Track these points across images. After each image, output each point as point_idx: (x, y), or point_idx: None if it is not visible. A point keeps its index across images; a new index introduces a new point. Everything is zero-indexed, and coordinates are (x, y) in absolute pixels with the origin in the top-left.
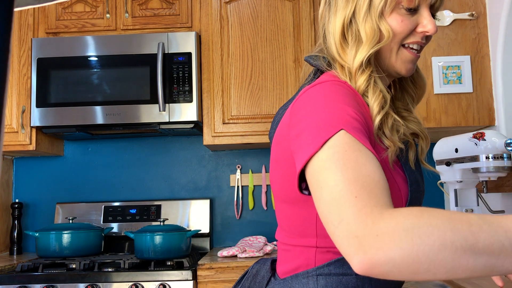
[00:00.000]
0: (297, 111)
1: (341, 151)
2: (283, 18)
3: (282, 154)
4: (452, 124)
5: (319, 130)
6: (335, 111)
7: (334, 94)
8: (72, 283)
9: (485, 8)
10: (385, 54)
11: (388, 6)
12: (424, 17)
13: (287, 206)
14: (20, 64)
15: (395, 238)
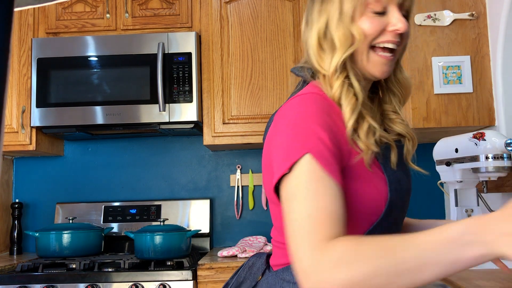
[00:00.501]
0: (277, 123)
1: (304, 180)
2: (283, 18)
3: (270, 160)
4: (452, 124)
5: (289, 151)
6: (305, 133)
7: (310, 112)
8: (72, 283)
9: (485, 8)
10: (358, 57)
11: (357, 11)
12: (394, 17)
13: (276, 206)
14: (20, 64)
15: (335, 272)
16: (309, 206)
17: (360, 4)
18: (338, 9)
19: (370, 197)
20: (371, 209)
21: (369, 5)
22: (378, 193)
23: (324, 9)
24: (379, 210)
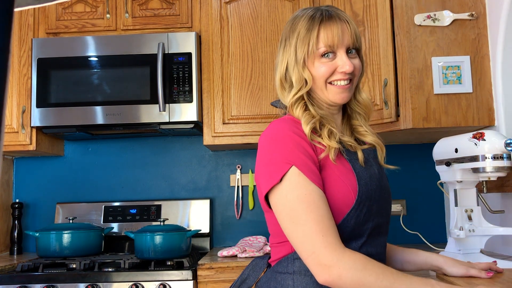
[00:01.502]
0: (260, 143)
1: (297, 192)
2: (283, 18)
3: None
4: (452, 124)
5: (277, 165)
6: (287, 148)
7: (286, 130)
8: (72, 283)
9: (485, 8)
10: (317, 91)
11: (309, 57)
12: (341, 60)
13: (267, 214)
14: (21, 64)
15: (352, 271)
16: (313, 213)
17: (311, 51)
18: (294, 56)
19: (340, 190)
20: (342, 200)
21: (319, 51)
22: (347, 187)
23: (284, 55)
24: (350, 202)
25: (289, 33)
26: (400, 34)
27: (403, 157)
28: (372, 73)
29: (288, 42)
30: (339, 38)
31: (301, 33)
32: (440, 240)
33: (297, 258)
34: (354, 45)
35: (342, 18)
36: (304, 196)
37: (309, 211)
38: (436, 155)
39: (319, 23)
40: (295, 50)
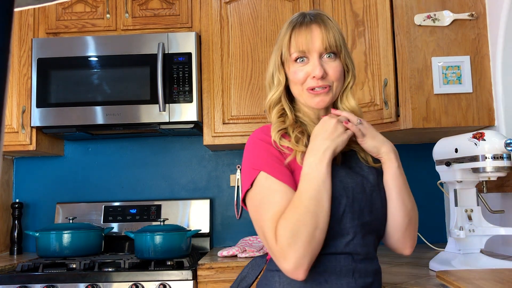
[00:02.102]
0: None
1: (261, 195)
2: (283, 18)
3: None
4: (452, 124)
5: (249, 171)
6: (258, 155)
7: (258, 137)
8: (72, 283)
9: (485, 8)
10: (296, 95)
11: (285, 61)
12: (312, 64)
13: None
14: (21, 64)
15: (291, 249)
16: (266, 212)
17: (285, 56)
18: (274, 59)
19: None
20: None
21: (291, 57)
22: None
23: (272, 59)
24: None
25: (278, 37)
26: (400, 34)
27: (403, 157)
28: (372, 73)
29: (276, 46)
30: (308, 43)
31: (279, 38)
32: (440, 240)
33: None
34: (330, 49)
35: (321, 23)
36: (268, 197)
37: (263, 211)
38: (436, 155)
39: (291, 28)
40: (276, 54)
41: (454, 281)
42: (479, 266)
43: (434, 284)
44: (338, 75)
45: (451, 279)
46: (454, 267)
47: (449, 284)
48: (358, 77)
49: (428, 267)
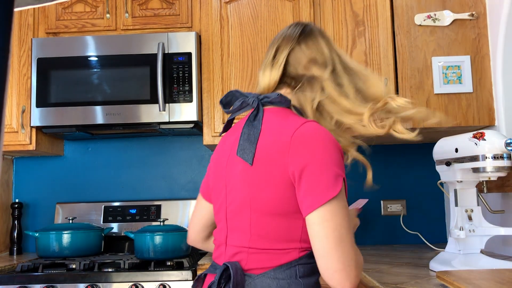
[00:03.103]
0: (307, 144)
1: (341, 204)
2: (283, 18)
3: (278, 176)
4: (452, 124)
5: (334, 178)
6: (338, 155)
7: (337, 147)
8: (72, 283)
9: (485, 8)
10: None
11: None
12: None
13: (276, 218)
14: (20, 64)
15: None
16: (347, 224)
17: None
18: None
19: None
20: None
21: None
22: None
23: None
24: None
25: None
26: (400, 34)
27: (403, 157)
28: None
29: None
30: None
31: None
32: (440, 240)
33: (300, 264)
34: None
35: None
36: (345, 209)
37: (346, 223)
38: (436, 155)
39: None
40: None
41: (454, 282)
42: (479, 266)
43: (434, 285)
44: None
45: (451, 280)
46: (454, 268)
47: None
48: None
49: (428, 267)
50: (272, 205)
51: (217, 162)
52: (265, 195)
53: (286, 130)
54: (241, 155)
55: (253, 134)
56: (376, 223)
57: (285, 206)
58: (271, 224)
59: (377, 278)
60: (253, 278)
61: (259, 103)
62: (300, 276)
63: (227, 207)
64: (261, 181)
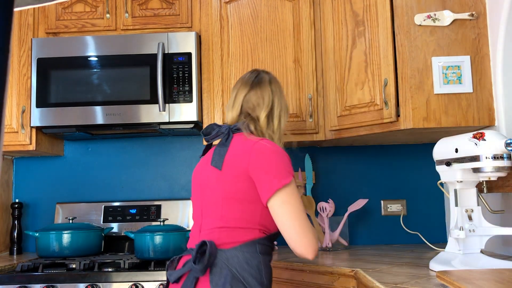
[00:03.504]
0: (261, 152)
1: (295, 191)
2: (283, 18)
3: (241, 175)
4: (452, 124)
5: (286, 172)
6: (287, 161)
7: (285, 155)
8: (72, 283)
9: (485, 8)
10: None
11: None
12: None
13: (240, 203)
14: (20, 64)
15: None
16: (301, 206)
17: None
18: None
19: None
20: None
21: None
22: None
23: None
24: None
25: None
26: (400, 34)
27: (403, 157)
28: (372, 73)
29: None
30: None
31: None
32: (440, 240)
33: (260, 243)
34: None
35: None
36: (298, 195)
37: (300, 205)
38: (436, 155)
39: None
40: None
41: (454, 281)
42: (479, 266)
43: (434, 284)
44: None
45: (451, 279)
46: (454, 267)
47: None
48: (358, 77)
49: (428, 267)
50: (237, 193)
51: (195, 175)
52: (232, 186)
53: (247, 145)
54: (214, 164)
55: (223, 150)
56: (376, 223)
57: (247, 195)
58: (237, 207)
59: (377, 278)
60: (224, 252)
61: (230, 131)
62: (259, 252)
63: (202, 202)
64: (228, 178)
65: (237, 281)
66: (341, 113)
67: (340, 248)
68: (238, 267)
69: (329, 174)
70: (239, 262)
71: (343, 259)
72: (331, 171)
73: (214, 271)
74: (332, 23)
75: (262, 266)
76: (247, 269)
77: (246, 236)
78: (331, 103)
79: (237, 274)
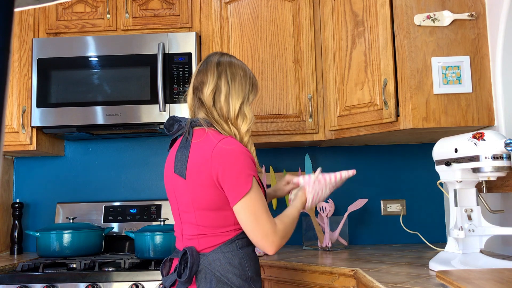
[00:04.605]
0: (221, 159)
1: (256, 193)
2: (283, 19)
3: (206, 182)
4: (451, 124)
5: (245, 178)
6: (246, 161)
7: (246, 154)
8: (73, 282)
9: (484, 8)
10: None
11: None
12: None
13: (213, 211)
14: (21, 64)
15: (284, 234)
16: (264, 207)
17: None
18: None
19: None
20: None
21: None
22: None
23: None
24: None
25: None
26: (400, 34)
27: (403, 157)
28: (372, 73)
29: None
30: None
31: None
32: (440, 240)
33: (239, 239)
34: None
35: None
36: (260, 196)
37: (263, 206)
38: (436, 155)
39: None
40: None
41: (454, 281)
42: (479, 266)
43: (434, 284)
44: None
45: (451, 279)
46: (454, 267)
47: (449, 284)
48: (358, 77)
49: (428, 267)
50: (207, 203)
51: (166, 175)
52: (201, 197)
53: (207, 149)
54: (178, 173)
55: (184, 156)
56: (376, 223)
57: (217, 203)
58: (210, 216)
59: (376, 278)
60: (206, 256)
61: (190, 127)
62: (240, 247)
63: (179, 207)
64: (195, 188)
65: (222, 283)
66: (341, 113)
67: (340, 248)
68: (221, 269)
69: None
70: (221, 264)
71: (343, 259)
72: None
73: (199, 278)
74: (332, 23)
75: (245, 261)
76: (230, 269)
77: (224, 238)
78: (331, 103)
79: (221, 277)
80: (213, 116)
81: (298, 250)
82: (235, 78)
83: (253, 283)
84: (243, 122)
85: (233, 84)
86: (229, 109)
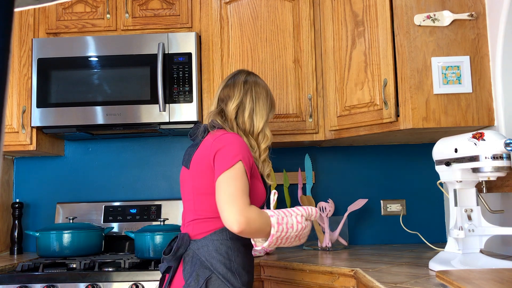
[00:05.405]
0: (219, 143)
1: (238, 174)
2: (283, 19)
3: (207, 166)
4: (451, 124)
5: (233, 157)
6: (240, 149)
7: (241, 143)
8: (73, 282)
9: (484, 8)
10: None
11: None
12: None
13: (209, 196)
14: (21, 64)
15: (253, 221)
16: (240, 186)
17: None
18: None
19: (257, 194)
20: (260, 195)
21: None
22: (261, 193)
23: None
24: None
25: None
26: (400, 34)
27: (403, 157)
28: (372, 73)
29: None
30: None
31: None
32: (440, 240)
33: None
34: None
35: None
36: (240, 176)
37: (239, 184)
38: (436, 155)
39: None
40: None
41: (453, 281)
42: (479, 266)
43: (434, 284)
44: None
45: (451, 279)
46: (454, 267)
47: (448, 284)
48: (358, 77)
49: (427, 267)
50: (205, 187)
51: (180, 174)
52: (200, 182)
53: (211, 139)
54: (184, 164)
55: (192, 151)
56: (376, 223)
57: (214, 188)
58: (206, 200)
59: (376, 278)
60: (196, 242)
61: (207, 129)
62: (229, 238)
63: (183, 196)
64: (196, 174)
65: (204, 268)
66: (341, 113)
67: (339, 248)
68: (207, 255)
69: (329, 174)
70: (208, 251)
71: (342, 258)
72: (331, 171)
73: (186, 260)
74: (332, 24)
75: (232, 251)
76: (216, 256)
77: (216, 225)
78: (330, 103)
79: (205, 262)
80: (232, 126)
81: (298, 250)
82: (259, 98)
83: (239, 276)
84: (263, 140)
85: (257, 102)
86: (252, 126)
